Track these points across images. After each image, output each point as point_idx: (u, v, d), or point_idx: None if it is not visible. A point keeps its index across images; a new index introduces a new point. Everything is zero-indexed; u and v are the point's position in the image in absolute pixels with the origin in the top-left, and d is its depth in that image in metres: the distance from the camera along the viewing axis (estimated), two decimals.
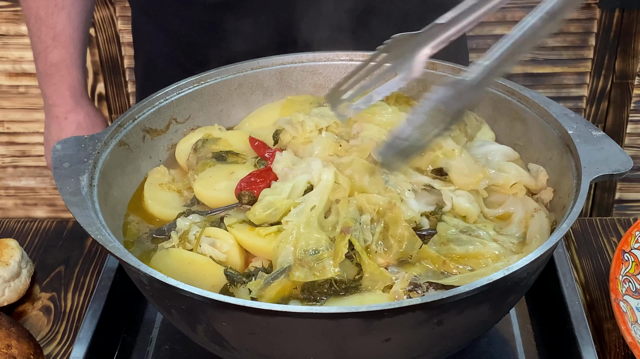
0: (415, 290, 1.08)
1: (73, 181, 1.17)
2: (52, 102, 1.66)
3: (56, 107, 1.66)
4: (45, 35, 1.60)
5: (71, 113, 1.66)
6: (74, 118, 1.66)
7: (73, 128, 1.66)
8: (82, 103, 1.67)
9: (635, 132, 2.85)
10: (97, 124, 1.70)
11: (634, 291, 1.32)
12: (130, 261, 1.02)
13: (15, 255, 1.42)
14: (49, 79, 1.64)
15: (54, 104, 1.66)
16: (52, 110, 1.67)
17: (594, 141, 1.20)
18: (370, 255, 1.12)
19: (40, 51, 1.62)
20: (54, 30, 1.60)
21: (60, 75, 1.63)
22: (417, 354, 1.07)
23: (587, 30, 2.69)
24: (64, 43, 1.61)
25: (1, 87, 2.82)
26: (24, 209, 3.08)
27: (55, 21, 1.59)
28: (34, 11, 1.60)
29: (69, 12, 1.59)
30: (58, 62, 1.62)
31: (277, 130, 1.36)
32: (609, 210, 2.98)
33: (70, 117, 1.66)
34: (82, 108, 1.67)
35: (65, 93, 1.64)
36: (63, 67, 1.62)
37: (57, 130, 1.67)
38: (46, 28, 1.60)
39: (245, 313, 0.97)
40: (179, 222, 1.22)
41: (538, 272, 1.13)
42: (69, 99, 1.65)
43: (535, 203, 1.22)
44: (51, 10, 1.59)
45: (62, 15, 1.59)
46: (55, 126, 1.67)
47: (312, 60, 1.50)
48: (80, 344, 1.22)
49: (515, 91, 1.34)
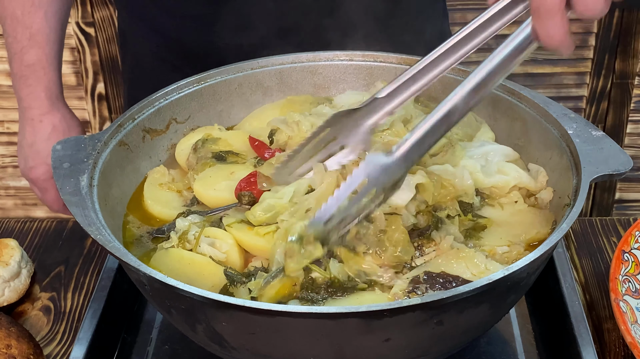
0: (415, 290, 1.08)
1: (73, 181, 1.17)
2: (27, 104, 1.60)
3: (31, 110, 1.59)
4: (22, 35, 1.55)
5: (47, 115, 1.59)
6: (49, 120, 1.59)
7: (48, 131, 1.58)
8: (57, 105, 1.61)
9: (635, 132, 2.85)
10: (73, 127, 1.62)
11: (634, 291, 1.32)
12: (130, 261, 1.02)
13: (15, 255, 1.42)
14: (24, 81, 1.58)
15: (29, 106, 1.60)
16: (27, 112, 1.60)
17: (594, 141, 1.20)
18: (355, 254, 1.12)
19: (16, 51, 1.57)
20: (30, 30, 1.55)
21: (36, 77, 1.57)
22: (417, 354, 1.07)
23: (587, 30, 2.69)
24: (41, 43, 1.56)
25: (1, 87, 2.82)
26: (24, 209, 3.08)
27: (32, 21, 1.54)
28: (10, 10, 1.55)
29: (46, 12, 1.55)
30: (34, 62, 1.56)
31: (272, 130, 1.36)
32: (609, 210, 2.98)
33: (45, 120, 1.59)
34: (58, 111, 1.60)
35: (40, 95, 1.58)
36: (39, 68, 1.57)
37: (31, 133, 1.60)
38: (22, 28, 1.55)
39: (245, 313, 0.97)
40: (178, 223, 1.22)
41: (538, 272, 1.13)
42: (44, 101, 1.58)
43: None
44: (28, 9, 1.54)
45: (39, 14, 1.55)
46: (30, 129, 1.60)
47: (312, 60, 1.50)
48: (80, 344, 1.22)
49: (515, 91, 1.34)
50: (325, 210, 1.05)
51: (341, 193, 1.04)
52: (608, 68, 2.74)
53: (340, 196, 1.04)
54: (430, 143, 1.04)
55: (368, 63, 1.48)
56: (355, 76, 1.50)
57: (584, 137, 1.21)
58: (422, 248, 1.15)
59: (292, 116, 1.34)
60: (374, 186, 1.05)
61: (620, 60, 2.72)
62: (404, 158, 1.04)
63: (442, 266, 1.10)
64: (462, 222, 1.19)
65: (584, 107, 2.82)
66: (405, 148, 1.04)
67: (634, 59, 2.71)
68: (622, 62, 2.72)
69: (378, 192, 1.06)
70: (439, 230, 1.16)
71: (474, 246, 1.17)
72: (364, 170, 1.05)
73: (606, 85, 2.77)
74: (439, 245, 1.15)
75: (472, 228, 1.19)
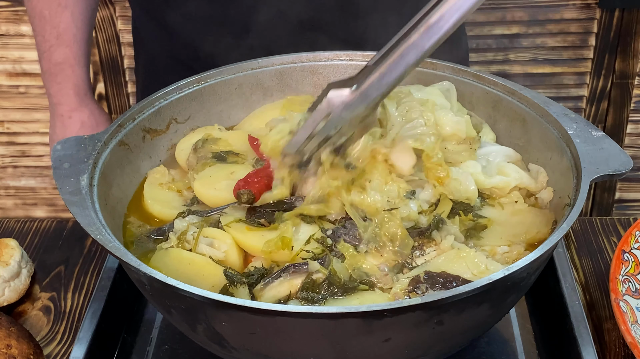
0: (415, 290, 1.08)
1: (73, 181, 1.17)
2: (57, 100, 1.67)
3: (60, 106, 1.67)
4: (49, 34, 1.62)
5: (75, 111, 1.68)
6: (78, 116, 1.68)
7: (77, 127, 1.68)
8: (86, 101, 1.69)
9: (635, 132, 2.85)
10: (101, 122, 1.71)
11: (634, 291, 1.32)
12: (130, 261, 1.02)
13: (15, 255, 1.42)
14: (53, 78, 1.65)
15: (59, 103, 1.67)
16: (57, 108, 1.68)
17: (594, 141, 1.20)
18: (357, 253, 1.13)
19: (45, 50, 1.63)
20: (57, 29, 1.61)
21: (65, 74, 1.64)
22: (417, 354, 1.07)
23: (587, 30, 2.69)
24: (68, 42, 1.62)
25: (1, 87, 2.82)
26: (24, 209, 3.08)
27: (59, 20, 1.61)
28: (38, 10, 1.61)
29: (73, 11, 1.61)
30: (62, 61, 1.63)
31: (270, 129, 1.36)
32: (609, 210, 2.99)
33: (74, 116, 1.68)
34: (86, 107, 1.69)
35: (69, 92, 1.66)
36: (67, 66, 1.64)
37: (61, 128, 1.68)
38: (50, 27, 1.61)
39: (245, 313, 0.97)
40: (176, 223, 1.22)
41: (538, 272, 1.13)
42: (73, 98, 1.66)
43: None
44: (55, 9, 1.61)
45: (66, 14, 1.61)
46: (60, 124, 1.69)
47: (312, 60, 1.50)
48: (80, 344, 1.22)
49: (515, 91, 1.34)
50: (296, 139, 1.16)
51: (308, 125, 1.14)
52: (608, 68, 2.74)
53: (307, 127, 1.14)
54: (388, 82, 1.09)
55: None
56: None
57: (584, 137, 1.21)
58: (423, 247, 1.15)
59: (291, 115, 1.34)
60: (337, 120, 1.12)
61: (620, 60, 2.72)
62: (363, 94, 1.10)
63: (443, 266, 1.10)
64: (463, 222, 1.19)
65: (584, 107, 2.82)
66: (364, 86, 1.09)
67: (634, 59, 2.71)
68: (622, 62, 2.72)
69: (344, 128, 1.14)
70: (439, 230, 1.16)
71: (474, 246, 1.17)
72: (326, 105, 1.12)
73: (606, 85, 2.77)
74: (439, 244, 1.15)
75: (473, 228, 1.19)
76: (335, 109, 1.11)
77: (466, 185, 1.20)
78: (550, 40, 2.71)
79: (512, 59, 2.73)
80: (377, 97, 1.11)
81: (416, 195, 1.20)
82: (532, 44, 2.71)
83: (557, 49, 2.72)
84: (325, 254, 1.13)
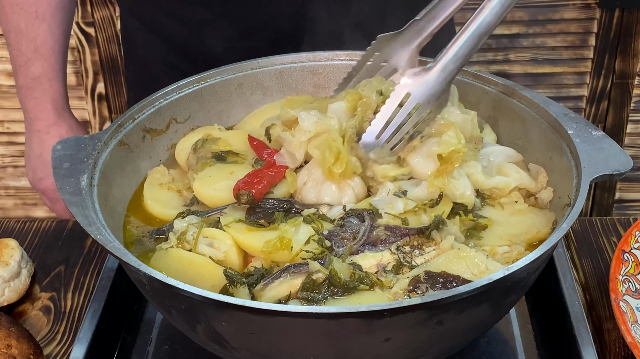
0: (415, 290, 1.08)
1: (73, 181, 1.17)
2: (34, 115, 1.61)
3: (38, 121, 1.62)
4: (26, 48, 1.56)
5: (53, 126, 1.62)
6: (56, 131, 1.62)
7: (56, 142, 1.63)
8: (64, 116, 1.63)
9: (635, 132, 2.85)
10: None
11: (634, 291, 1.32)
12: (130, 261, 1.02)
13: (15, 255, 1.42)
14: (29, 93, 1.59)
15: (36, 118, 1.62)
16: (34, 124, 1.62)
17: (594, 141, 1.20)
18: None
19: (21, 64, 1.58)
20: (34, 42, 1.56)
21: (42, 89, 1.59)
22: (417, 354, 1.07)
23: (587, 30, 2.69)
24: (46, 55, 1.57)
25: (1, 87, 2.82)
26: (24, 209, 3.08)
27: (36, 33, 1.56)
28: (14, 24, 1.56)
29: (50, 24, 1.56)
30: (40, 75, 1.58)
31: (267, 128, 1.36)
32: (609, 210, 2.98)
33: (52, 131, 1.62)
34: (65, 121, 1.63)
35: (47, 106, 1.60)
36: (45, 80, 1.58)
37: (39, 144, 1.63)
38: (27, 41, 1.56)
39: (245, 313, 0.97)
40: (175, 224, 1.22)
41: (538, 272, 1.13)
42: (51, 112, 1.61)
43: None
44: (32, 22, 1.55)
45: (43, 27, 1.56)
46: (37, 140, 1.63)
47: (312, 60, 1.50)
48: (80, 344, 1.22)
49: (515, 91, 1.34)
50: (375, 124, 1.16)
51: (388, 107, 1.15)
52: (608, 68, 2.74)
53: (388, 110, 1.15)
54: (464, 54, 1.12)
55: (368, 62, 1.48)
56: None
57: (584, 137, 1.21)
58: (423, 247, 1.15)
59: (286, 112, 1.34)
60: (417, 100, 1.14)
61: (620, 60, 2.72)
62: (441, 70, 1.13)
63: (443, 266, 1.10)
64: (463, 222, 1.19)
65: (584, 107, 2.82)
66: (442, 61, 1.13)
67: (634, 59, 2.71)
68: (622, 62, 2.72)
69: (423, 107, 1.16)
70: (439, 230, 1.16)
71: (474, 246, 1.17)
72: (405, 85, 1.14)
73: (606, 85, 2.77)
74: (439, 244, 1.15)
75: (473, 228, 1.19)
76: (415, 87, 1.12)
77: (462, 190, 1.20)
78: (550, 40, 2.71)
79: (512, 58, 2.73)
80: (455, 70, 1.14)
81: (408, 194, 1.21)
82: (532, 44, 2.71)
83: (557, 49, 2.72)
84: (325, 254, 1.13)
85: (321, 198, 1.24)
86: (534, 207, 1.25)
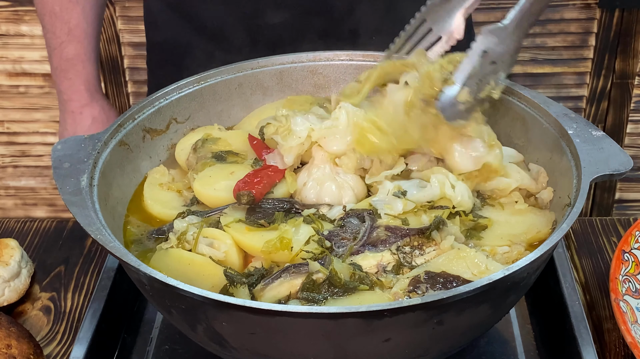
0: (415, 290, 1.08)
1: (73, 181, 1.17)
2: (68, 97, 1.68)
3: (71, 102, 1.68)
4: (60, 30, 1.62)
5: (86, 107, 1.68)
6: (89, 112, 1.68)
7: (88, 123, 1.68)
8: (96, 97, 1.69)
9: (635, 132, 2.85)
10: (112, 118, 1.71)
11: (634, 291, 1.32)
12: (130, 261, 1.02)
13: (15, 255, 1.42)
14: (64, 74, 1.66)
15: (70, 99, 1.68)
16: (68, 105, 1.69)
17: (594, 141, 1.20)
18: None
19: (55, 47, 1.64)
20: (68, 25, 1.62)
21: (75, 70, 1.65)
22: (417, 354, 1.07)
23: (587, 30, 2.69)
24: (79, 38, 1.63)
25: (1, 87, 2.82)
26: (24, 209, 3.08)
27: (70, 16, 1.62)
28: (49, 7, 1.62)
29: (84, 7, 1.62)
30: (73, 57, 1.64)
31: (262, 128, 1.36)
32: (609, 210, 2.98)
33: (85, 112, 1.68)
34: (97, 103, 1.69)
35: (80, 87, 1.66)
36: (78, 62, 1.64)
37: (72, 124, 1.69)
38: (61, 23, 1.62)
39: (245, 313, 0.97)
40: (175, 224, 1.22)
41: (538, 272, 1.13)
42: (84, 93, 1.67)
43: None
44: (66, 5, 1.61)
45: (77, 10, 1.62)
46: (71, 121, 1.69)
47: (312, 60, 1.50)
48: (80, 344, 1.22)
49: (515, 91, 1.34)
50: (462, 70, 1.18)
51: (472, 57, 1.17)
52: (608, 68, 2.74)
53: (472, 59, 1.17)
54: (536, 11, 1.15)
55: (368, 63, 1.48)
56: (355, 76, 1.49)
57: (584, 137, 1.21)
58: (423, 247, 1.15)
59: (280, 112, 1.34)
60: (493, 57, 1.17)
61: (620, 60, 2.72)
62: (515, 26, 1.16)
63: (443, 266, 1.10)
64: (463, 222, 1.19)
65: (584, 107, 2.82)
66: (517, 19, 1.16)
67: (634, 59, 2.71)
68: (622, 62, 2.72)
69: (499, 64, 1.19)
70: (439, 230, 1.16)
71: (474, 246, 1.17)
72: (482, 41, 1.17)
73: (606, 85, 2.77)
74: (439, 244, 1.15)
75: (473, 228, 1.20)
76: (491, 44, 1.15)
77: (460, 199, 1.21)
78: (550, 40, 2.71)
79: None
80: (528, 27, 1.16)
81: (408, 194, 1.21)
82: (532, 44, 2.71)
83: (557, 49, 2.72)
84: (325, 254, 1.13)
85: (321, 198, 1.24)
86: (534, 207, 1.25)
